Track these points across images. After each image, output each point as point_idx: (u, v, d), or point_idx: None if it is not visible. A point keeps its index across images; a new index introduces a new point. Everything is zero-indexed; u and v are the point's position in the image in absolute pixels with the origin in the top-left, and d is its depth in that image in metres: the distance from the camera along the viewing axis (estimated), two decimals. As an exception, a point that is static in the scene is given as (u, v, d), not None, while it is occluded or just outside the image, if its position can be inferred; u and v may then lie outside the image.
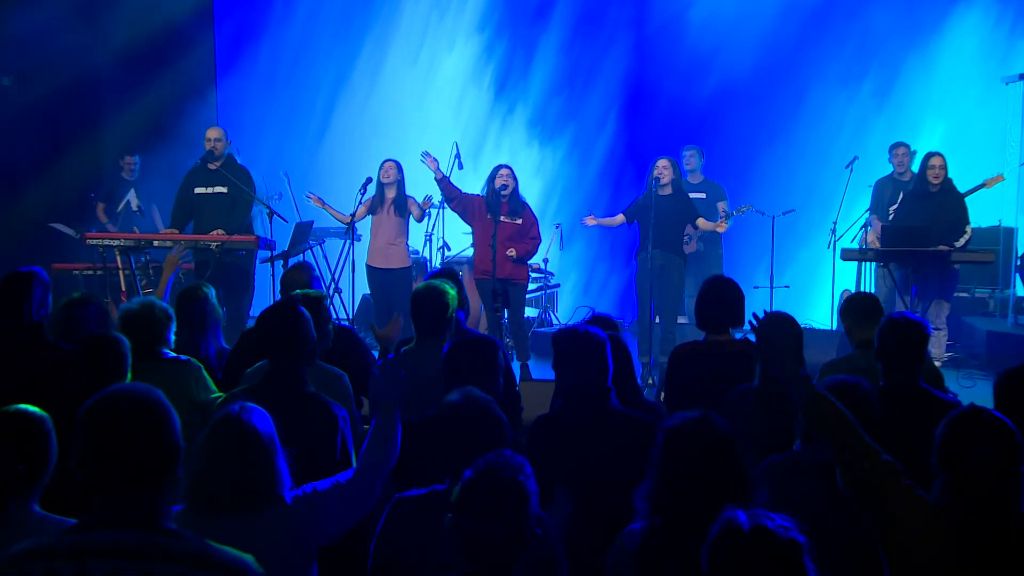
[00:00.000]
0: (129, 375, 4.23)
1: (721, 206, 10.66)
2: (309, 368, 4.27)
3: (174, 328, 4.99)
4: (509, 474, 2.81)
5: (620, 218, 9.44)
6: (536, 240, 9.23)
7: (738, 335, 5.36)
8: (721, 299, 5.22)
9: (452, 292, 5.19)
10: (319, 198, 9.76)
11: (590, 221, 9.64)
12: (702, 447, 3.05)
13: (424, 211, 9.70)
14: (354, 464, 3.69)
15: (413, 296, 5.21)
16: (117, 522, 2.34)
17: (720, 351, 5.11)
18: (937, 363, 8.98)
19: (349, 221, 9.48)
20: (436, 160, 9.29)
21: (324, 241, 10.60)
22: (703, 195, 10.57)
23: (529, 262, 9.55)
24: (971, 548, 2.81)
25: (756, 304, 10.89)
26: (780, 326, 4.27)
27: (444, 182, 9.24)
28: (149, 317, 4.84)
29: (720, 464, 3.03)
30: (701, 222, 9.39)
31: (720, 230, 9.52)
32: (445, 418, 3.47)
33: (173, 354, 4.92)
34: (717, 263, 10.90)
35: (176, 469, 2.43)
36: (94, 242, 8.85)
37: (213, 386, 4.91)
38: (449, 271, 6.14)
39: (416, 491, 3.45)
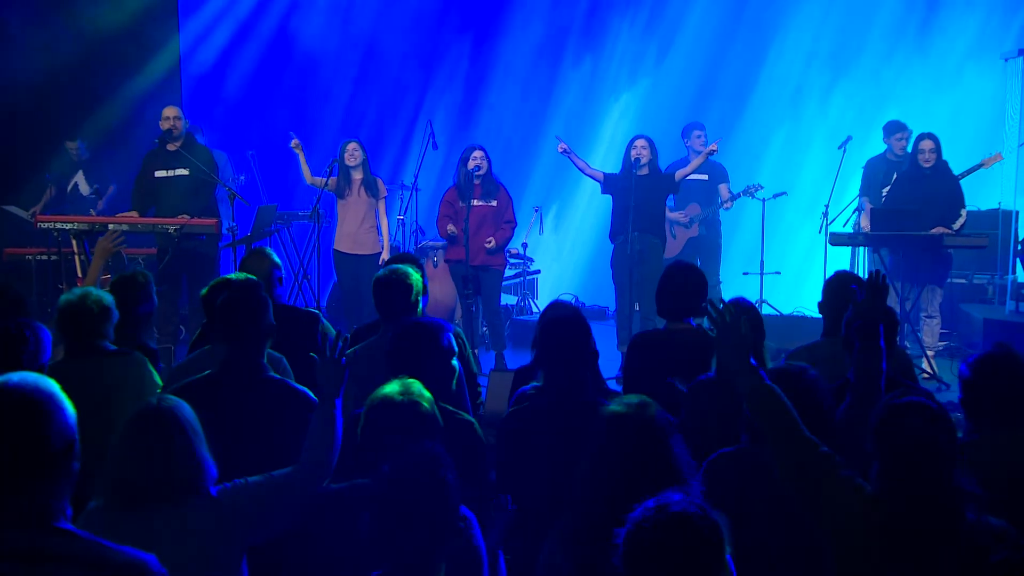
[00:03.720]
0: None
1: (723, 188, 10.34)
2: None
3: (114, 319, 4.74)
4: (428, 467, 2.76)
5: (599, 173, 9.06)
6: (512, 224, 8.96)
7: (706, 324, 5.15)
8: (681, 287, 5.12)
9: (416, 276, 5.09)
10: (299, 143, 9.36)
11: (562, 147, 9.09)
12: (636, 436, 3.04)
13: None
14: None
15: (376, 281, 5.09)
16: (4, 522, 2.20)
17: (679, 340, 5.03)
18: (930, 352, 8.69)
19: (314, 183, 9.11)
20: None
21: (292, 224, 10.29)
22: (705, 177, 10.28)
23: (507, 247, 9.28)
24: (907, 533, 2.83)
25: (745, 291, 10.72)
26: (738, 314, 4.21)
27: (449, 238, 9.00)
28: (86, 309, 4.59)
29: (653, 453, 3.02)
30: (679, 173, 9.04)
31: (712, 151, 9.07)
32: (373, 411, 3.38)
33: (115, 347, 4.68)
34: (716, 249, 10.57)
35: (70, 464, 2.28)
36: (46, 225, 8.49)
37: (159, 379, 4.72)
38: (408, 256, 6.04)
39: (337, 485, 3.38)
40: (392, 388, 3.41)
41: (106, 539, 2.85)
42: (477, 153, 8.80)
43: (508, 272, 10.75)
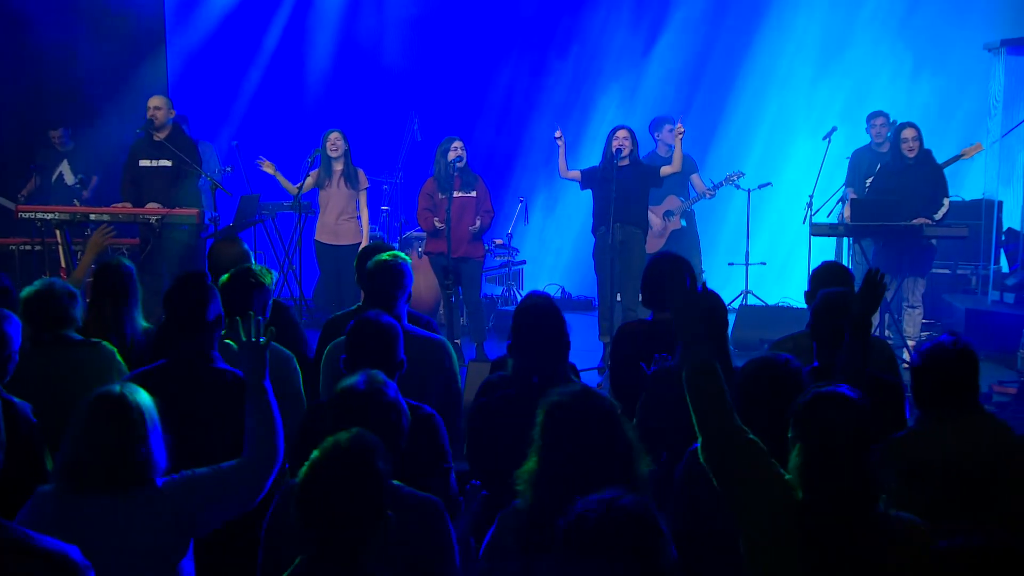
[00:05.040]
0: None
1: (696, 179, 10.35)
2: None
3: (80, 309, 4.71)
4: (357, 454, 2.72)
5: (576, 174, 9.02)
6: (490, 213, 8.97)
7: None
8: (667, 277, 5.06)
9: (408, 266, 5.05)
10: (271, 163, 9.37)
11: (559, 136, 9.08)
12: (583, 422, 3.04)
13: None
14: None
15: (371, 267, 5.02)
16: None
17: (665, 330, 4.89)
18: (911, 342, 8.71)
19: (296, 192, 9.12)
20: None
21: (277, 215, 10.26)
22: (678, 168, 10.26)
23: (487, 238, 9.33)
24: (820, 523, 2.85)
25: (730, 282, 10.69)
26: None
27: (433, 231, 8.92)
28: (49, 299, 4.57)
29: (601, 439, 3.02)
30: (664, 170, 9.01)
31: (680, 132, 9.01)
32: (340, 402, 3.33)
33: (81, 337, 4.66)
34: (695, 240, 10.61)
35: None
36: (27, 215, 8.52)
37: (127, 370, 4.63)
38: (381, 245, 6.01)
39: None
40: (355, 379, 3.38)
41: (54, 523, 2.89)
42: (457, 144, 8.80)
43: (494, 262, 10.79)
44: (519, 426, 3.82)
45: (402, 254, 5.09)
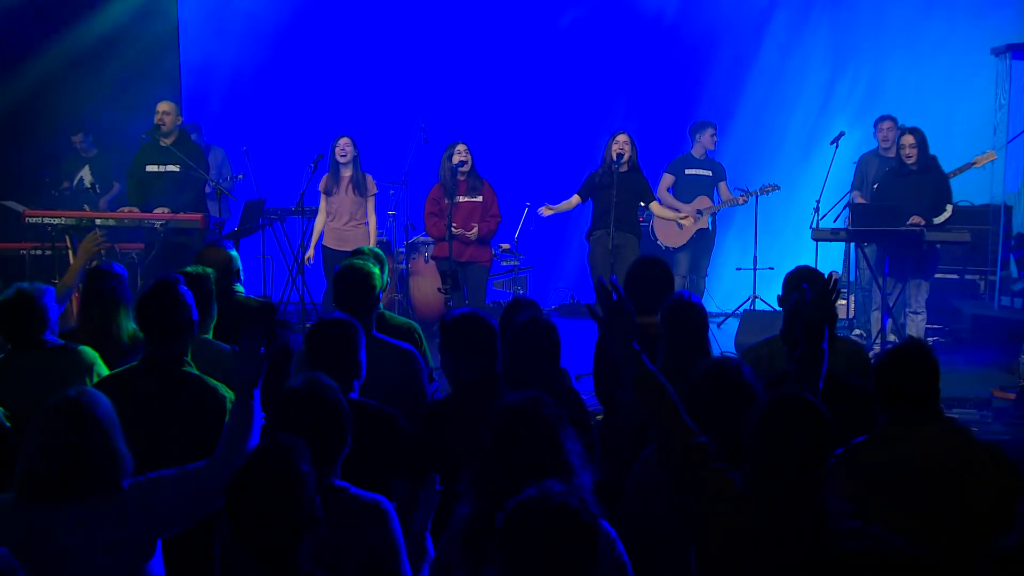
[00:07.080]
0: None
1: (723, 186, 10.36)
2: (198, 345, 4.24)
3: (54, 313, 4.72)
4: (278, 458, 2.74)
5: (575, 200, 8.98)
6: (497, 218, 8.98)
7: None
8: (647, 281, 5.18)
9: (376, 271, 5.06)
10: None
11: (546, 211, 9.13)
12: (526, 429, 3.07)
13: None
14: None
15: (334, 275, 5.09)
16: None
17: (645, 334, 4.88)
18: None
19: (322, 227, 9.25)
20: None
21: (287, 220, 10.31)
22: (709, 173, 10.31)
23: (494, 242, 9.34)
24: (772, 534, 2.85)
25: (738, 287, 10.63)
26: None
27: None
28: (20, 305, 4.58)
29: (543, 447, 3.05)
30: (655, 207, 9.02)
31: (682, 219, 9.11)
32: (280, 403, 3.38)
33: (62, 341, 4.68)
34: (712, 243, 10.69)
35: None
36: (33, 220, 8.66)
37: (107, 373, 4.66)
38: (373, 251, 6.00)
39: None
40: (296, 381, 3.42)
41: (14, 532, 2.90)
42: (460, 147, 8.83)
43: (500, 267, 10.78)
44: (462, 434, 3.86)
45: (368, 263, 5.08)
